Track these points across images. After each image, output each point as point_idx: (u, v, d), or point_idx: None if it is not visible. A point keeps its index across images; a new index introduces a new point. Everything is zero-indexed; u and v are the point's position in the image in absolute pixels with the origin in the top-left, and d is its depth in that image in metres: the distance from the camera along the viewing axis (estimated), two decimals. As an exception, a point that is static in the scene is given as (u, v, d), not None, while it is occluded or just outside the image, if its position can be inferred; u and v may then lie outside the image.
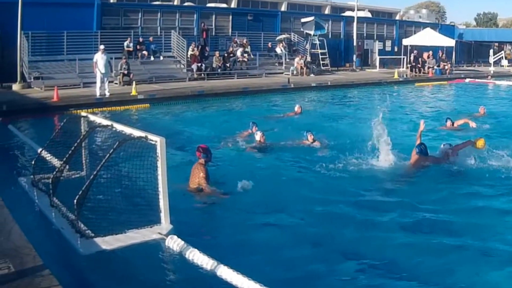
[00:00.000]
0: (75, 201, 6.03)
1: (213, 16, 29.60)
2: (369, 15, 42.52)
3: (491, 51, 41.41)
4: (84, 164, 8.10)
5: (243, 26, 30.43)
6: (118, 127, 7.08)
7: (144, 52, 24.48)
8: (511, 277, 5.67)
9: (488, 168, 9.52)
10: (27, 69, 20.49)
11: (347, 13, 40.01)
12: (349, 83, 26.81)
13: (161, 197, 6.25)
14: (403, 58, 35.24)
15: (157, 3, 29.69)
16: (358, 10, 36.73)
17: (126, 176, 7.29)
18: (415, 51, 33.07)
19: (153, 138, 6.27)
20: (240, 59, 27.42)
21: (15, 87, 19.92)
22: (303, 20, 32.12)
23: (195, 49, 25.55)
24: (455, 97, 25.24)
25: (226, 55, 27.01)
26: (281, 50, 30.16)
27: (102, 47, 19.00)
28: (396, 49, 38.61)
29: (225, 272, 5.04)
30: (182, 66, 25.38)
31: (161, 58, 25.34)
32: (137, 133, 6.57)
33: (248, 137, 11.89)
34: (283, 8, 41.70)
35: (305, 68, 28.94)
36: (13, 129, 13.68)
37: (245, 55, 27.83)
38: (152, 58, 24.80)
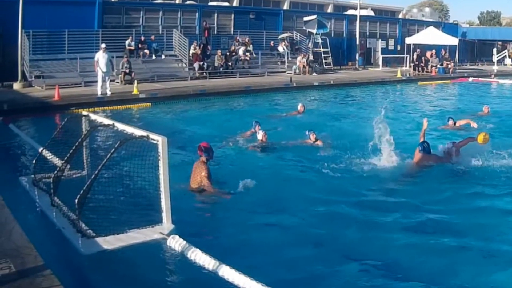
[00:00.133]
0: (76, 200, 6.00)
1: (215, 15, 29.55)
2: (372, 13, 42.51)
3: (495, 50, 41.43)
4: (85, 164, 8.08)
5: (245, 25, 30.40)
6: (120, 126, 7.05)
7: (146, 50, 24.47)
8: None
9: (491, 168, 9.46)
10: (28, 68, 20.48)
11: (350, 12, 39.93)
12: (351, 82, 26.77)
13: (162, 197, 6.23)
14: (406, 57, 35.21)
15: (158, 1, 29.56)
16: (361, 8, 36.72)
17: (128, 176, 7.30)
18: (418, 50, 33.08)
19: (155, 137, 6.25)
20: (242, 58, 27.38)
21: (16, 86, 19.88)
22: (305, 18, 32.13)
23: (197, 47, 25.52)
24: (458, 96, 25.22)
25: (228, 53, 26.96)
26: (284, 49, 30.13)
27: (103, 45, 18.92)
28: (399, 47, 38.64)
29: (227, 272, 5.01)
30: (184, 65, 25.35)
31: (163, 57, 25.31)
32: (138, 132, 6.53)
33: (251, 136, 11.83)
34: (285, 6, 41.57)
35: (307, 67, 28.91)
36: (14, 128, 13.69)
37: (247, 53, 27.80)
38: (153, 57, 24.80)
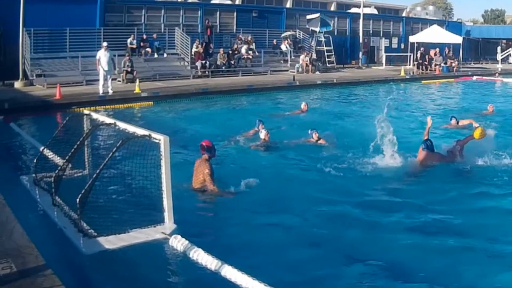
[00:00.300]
0: (78, 200, 5.97)
1: (218, 13, 29.46)
2: (375, 11, 42.48)
3: (499, 48, 41.27)
4: (86, 163, 8.08)
5: (247, 23, 30.30)
6: (121, 125, 7.03)
7: (148, 49, 24.41)
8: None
9: (495, 167, 9.41)
10: (29, 67, 20.40)
11: (353, 10, 39.83)
12: (355, 81, 26.69)
13: (164, 196, 6.19)
14: (410, 55, 35.14)
15: (160, -1, 29.51)
16: (364, 6, 36.57)
17: (129, 175, 7.33)
18: (421, 48, 32.95)
19: (157, 136, 6.22)
20: (244, 56, 27.31)
21: (17, 84, 19.81)
22: (308, 17, 31.98)
23: (199, 46, 25.43)
24: (462, 95, 25.15)
25: (230, 52, 26.88)
26: (286, 47, 30.04)
27: (105, 44, 18.86)
28: (402, 46, 38.55)
29: (230, 272, 4.98)
30: (186, 63, 25.27)
31: (165, 55, 25.24)
32: (140, 131, 6.50)
33: (254, 135, 11.80)
34: (288, 4, 41.50)
35: (310, 66, 28.80)
36: (15, 127, 13.66)
37: (250, 52, 27.72)
38: (155, 55, 24.72)
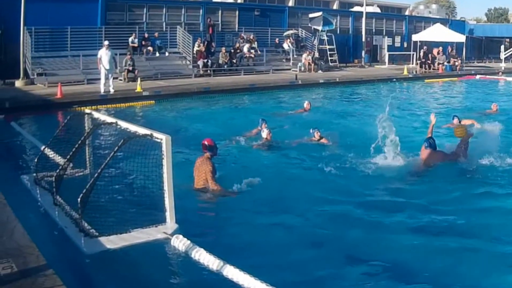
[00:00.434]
0: (79, 199, 5.98)
1: (219, 11, 29.35)
2: (378, 10, 42.36)
3: (502, 47, 41.10)
4: (88, 162, 8.11)
5: (250, 22, 30.20)
6: (123, 124, 7.02)
7: (149, 48, 24.31)
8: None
9: (499, 167, 9.38)
10: (30, 65, 20.33)
11: (356, 8, 39.79)
12: (357, 80, 26.65)
13: (166, 196, 6.19)
14: (413, 54, 35.13)
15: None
16: (367, 5, 36.47)
17: (131, 175, 7.43)
18: (424, 47, 32.96)
19: (159, 136, 6.21)
20: (246, 55, 27.25)
21: (18, 83, 19.76)
22: (311, 15, 31.96)
23: (201, 45, 25.40)
24: (465, 94, 25.14)
25: (232, 51, 26.83)
26: (289, 46, 29.97)
27: (106, 43, 18.83)
28: (405, 45, 38.53)
29: (232, 272, 4.97)
30: (187, 62, 25.18)
31: (167, 54, 25.14)
32: (142, 130, 6.49)
33: (257, 135, 11.79)
34: (290, 3, 41.39)
35: (313, 64, 28.77)
36: (16, 126, 13.66)
37: (252, 51, 27.66)
38: (157, 54, 24.62)
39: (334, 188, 8.53)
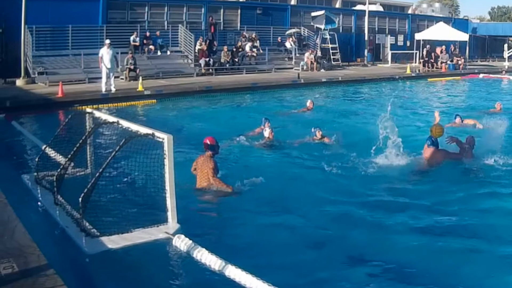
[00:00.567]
0: (80, 199, 5.97)
1: (221, 10, 29.26)
2: (380, 9, 42.27)
3: (506, 46, 40.94)
4: (89, 162, 8.10)
5: (252, 20, 30.14)
6: (124, 123, 7.00)
7: (151, 46, 24.25)
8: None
9: (503, 166, 9.31)
10: (31, 64, 20.28)
11: (358, 7, 39.62)
12: (360, 79, 26.58)
13: (168, 196, 6.18)
14: (416, 53, 35.04)
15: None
16: (369, 3, 36.34)
17: (132, 174, 7.38)
18: (427, 46, 32.97)
19: (160, 135, 6.19)
20: (249, 54, 27.17)
21: (19, 82, 19.70)
22: (313, 14, 31.85)
23: (203, 43, 25.34)
24: (468, 93, 25.11)
25: (234, 49, 26.76)
26: (291, 45, 29.88)
27: (107, 41, 18.77)
28: (408, 43, 38.38)
29: (234, 272, 4.96)
30: (189, 61, 25.16)
31: (168, 53, 25.08)
32: (143, 130, 6.48)
33: (260, 134, 11.75)
34: (293, 1, 41.18)
35: (315, 63, 28.69)
36: (17, 125, 13.66)
37: (254, 49, 27.57)
38: (159, 53, 24.58)
39: (337, 188, 8.49)
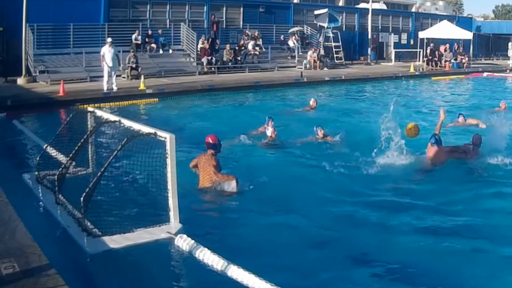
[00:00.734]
0: (82, 198, 5.98)
1: (224, 8, 29.21)
2: (384, 7, 42.13)
3: (510, 44, 40.63)
4: (90, 161, 8.11)
5: (254, 18, 30.06)
6: (126, 122, 7.01)
7: (153, 45, 24.23)
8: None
9: (508, 166, 9.26)
10: (33, 63, 20.25)
11: (362, 5, 39.58)
12: (363, 77, 26.50)
13: (170, 195, 6.17)
14: (419, 51, 34.87)
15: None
16: (373, 2, 36.37)
17: (134, 174, 7.36)
18: (431, 44, 32.87)
19: (163, 134, 6.19)
20: (251, 53, 27.08)
21: (20, 81, 19.67)
22: (316, 12, 31.74)
23: (205, 42, 25.27)
24: (472, 92, 25.02)
25: (237, 48, 26.71)
26: (294, 43, 29.79)
27: (109, 40, 18.68)
28: (412, 42, 38.27)
29: (236, 272, 4.97)
30: (191, 59, 25.13)
31: (170, 51, 25.05)
32: (145, 129, 6.49)
33: (263, 133, 11.67)
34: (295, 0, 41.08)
35: (318, 62, 28.63)
36: (18, 124, 13.67)
37: (257, 48, 27.49)
38: (161, 52, 24.55)
39: (340, 188, 8.46)
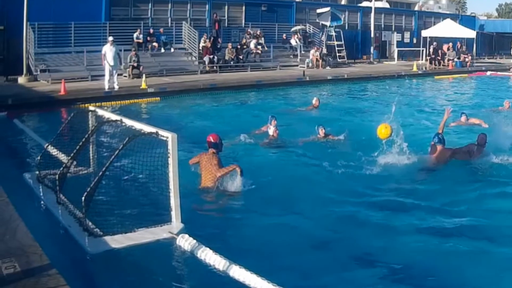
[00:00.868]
0: (83, 198, 5.97)
1: (226, 7, 29.14)
2: (387, 5, 42.17)
3: (514, 43, 40.61)
4: (92, 160, 8.11)
5: (256, 17, 30.03)
6: (128, 122, 7.01)
7: (155, 44, 24.20)
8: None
9: (511, 166, 9.23)
10: (33, 62, 20.21)
11: (364, 4, 39.58)
12: (366, 76, 26.48)
13: (172, 195, 6.17)
14: (422, 50, 34.88)
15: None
16: (375, 0, 36.27)
17: (136, 173, 7.30)
18: (434, 43, 32.79)
19: (164, 134, 6.17)
20: (253, 51, 27.05)
21: (21, 80, 19.66)
22: (318, 10, 31.74)
23: (207, 40, 25.21)
24: (475, 91, 24.98)
25: (239, 47, 26.66)
26: (296, 42, 29.76)
27: (111, 38, 18.65)
28: (415, 40, 38.22)
29: (238, 272, 4.97)
30: (193, 58, 25.11)
31: (172, 50, 25.02)
32: (147, 128, 6.49)
33: (265, 132, 11.62)
34: (298, -2, 41.06)
35: (320, 61, 28.60)
36: (19, 123, 13.66)
37: (259, 47, 27.45)
38: (162, 50, 24.53)
39: (342, 187, 8.42)
